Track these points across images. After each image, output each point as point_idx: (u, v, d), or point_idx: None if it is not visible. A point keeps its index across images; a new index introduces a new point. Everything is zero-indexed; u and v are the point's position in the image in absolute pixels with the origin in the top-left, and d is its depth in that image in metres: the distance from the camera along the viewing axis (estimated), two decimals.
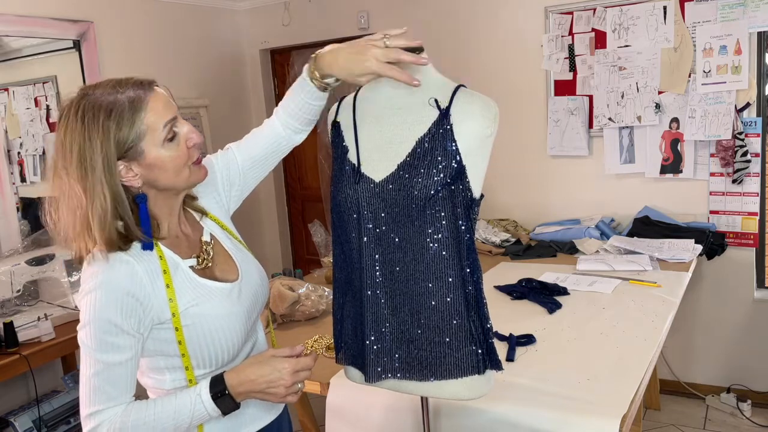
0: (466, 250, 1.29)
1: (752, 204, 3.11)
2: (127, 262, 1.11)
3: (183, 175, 1.15)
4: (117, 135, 1.06)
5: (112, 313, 1.08)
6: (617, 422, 1.56)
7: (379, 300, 1.33)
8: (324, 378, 1.93)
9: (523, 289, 2.55)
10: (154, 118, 1.09)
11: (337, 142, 1.42)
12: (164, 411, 1.12)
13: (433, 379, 1.34)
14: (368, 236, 1.32)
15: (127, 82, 1.11)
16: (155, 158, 1.11)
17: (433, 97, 1.29)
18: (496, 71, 3.60)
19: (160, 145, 1.10)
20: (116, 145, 1.07)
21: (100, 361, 1.09)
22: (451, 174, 1.25)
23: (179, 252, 1.20)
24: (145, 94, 1.09)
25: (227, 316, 1.20)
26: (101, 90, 1.09)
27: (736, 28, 3.00)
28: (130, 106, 1.07)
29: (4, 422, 2.64)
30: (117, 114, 1.06)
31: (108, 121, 1.06)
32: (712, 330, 3.32)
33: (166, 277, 1.14)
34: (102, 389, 1.09)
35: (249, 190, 1.44)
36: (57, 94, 3.25)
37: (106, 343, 1.08)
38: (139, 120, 1.08)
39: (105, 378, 1.09)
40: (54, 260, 2.70)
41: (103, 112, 1.06)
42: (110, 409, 1.10)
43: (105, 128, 1.05)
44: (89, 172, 1.05)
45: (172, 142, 1.12)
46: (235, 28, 4.38)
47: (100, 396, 1.09)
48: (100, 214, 1.07)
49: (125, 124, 1.07)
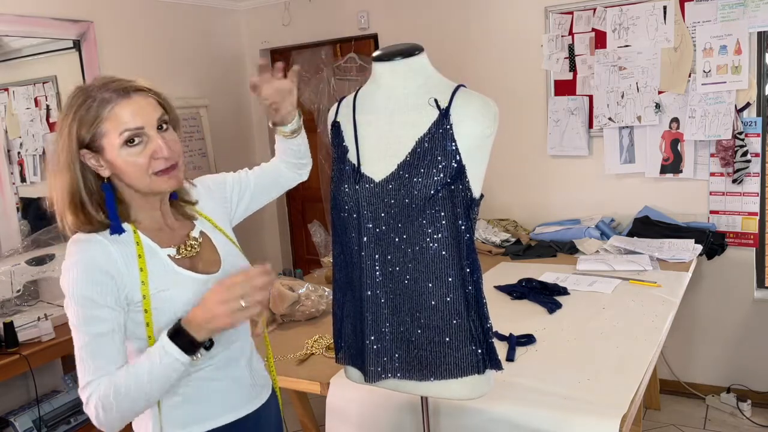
0: (466, 250, 1.29)
1: (752, 204, 3.11)
2: (101, 242, 1.18)
3: (143, 181, 1.21)
4: (80, 126, 1.16)
5: (88, 289, 1.15)
6: (617, 422, 1.56)
7: (378, 300, 1.33)
8: (324, 378, 1.93)
9: (523, 289, 2.55)
10: (113, 122, 1.17)
11: (337, 142, 1.42)
12: (141, 369, 1.15)
13: (433, 379, 1.34)
14: (368, 236, 1.32)
15: (113, 83, 1.19)
16: (113, 158, 1.18)
17: (433, 97, 1.29)
18: (496, 71, 3.60)
19: (118, 148, 1.17)
20: (77, 134, 1.17)
21: (85, 333, 1.15)
22: (451, 174, 1.25)
23: (159, 241, 1.26)
24: (117, 98, 1.17)
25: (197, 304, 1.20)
26: (97, 83, 1.20)
27: (736, 28, 3.00)
28: (98, 104, 1.16)
29: (4, 422, 2.64)
30: (86, 107, 1.16)
31: (78, 112, 1.16)
32: (712, 330, 3.32)
33: (140, 261, 1.20)
34: (90, 361, 1.15)
35: (253, 210, 1.56)
36: (57, 94, 3.25)
37: (87, 317, 1.15)
38: (99, 119, 1.16)
39: (92, 350, 1.15)
40: (54, 260, 2.70)
41: (80, 101, 1.17)
42: (99, 378, 1.15)
43: (75, 117, 1.17)
44: (65, 150, 1.17)
45: (132, 148, 1.18)
46: (235, 28, 4.38)
47: (89, 367, 1.15)
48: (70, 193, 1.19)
49: (88, 118, 1.16)
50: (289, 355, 2.10)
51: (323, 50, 4.20)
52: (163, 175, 1.21)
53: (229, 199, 1.48)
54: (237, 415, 1.32)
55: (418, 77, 1.35)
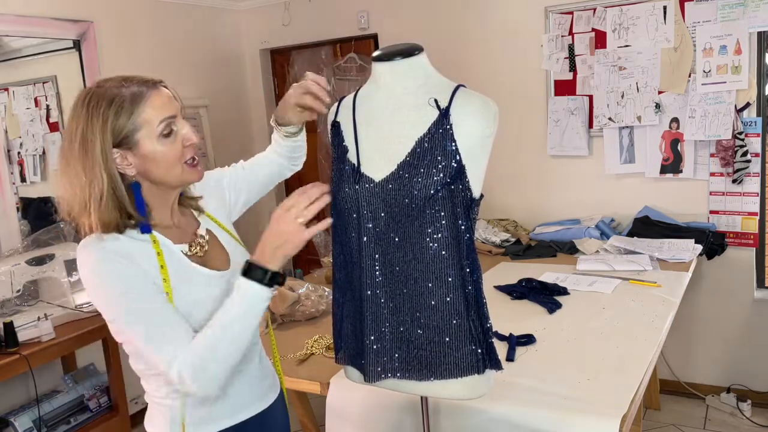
0: (466, 250, 1.29)
1: (752, 204, 3.11)
2: (118, 239, 1.17)
3: (175, 172, 1.21)
4: (114, 123, 1.14)
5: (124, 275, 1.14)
6: (617, 422, 1.56)
7: (378, 300, 1.33)
8: (324, 378, 1.93)
9: (523, 289, 2.55)
10: (151, 112, 1.16)
11: (337, 142, 1.42)
12: (225, 320, 1.16)
13: (432, 379, 1.34)
14: (368, 236, 1.32)
15: (133, 79, 1.19)
16: (149, 151, 1.17)
17: (433, 97, 1.29)
18: (496, 71, 3.60)
19: (155, 139, 1.17)
20: (112, 133, 1.15)
21: (141, 315, 1.14)
22: (450, 174, 1.25)
23: (171, 239, 1.26)
24: (147, 91, 1.17)
25: (215, 300, 1.23)
26: (110, 83, 1.18)
27: (736, 28, 3.00)
28: (130, 99, 1.15)
29: (4, 422, 2.64)
30: (117, 104, 1.14)
31: (108, 110, 1.14)
32: (712, 330, 3.32)
33: (160, 258, 1.20)
34: (160, 336, 1.14)
35: (252, 202, 1.56)
36: (57, 94, 3.25)
37: (135, 299, 1.14)
38: (136, 112, 1.15)
39: (155, 326, 1.14)
40: (54, 260, 2.70)
41: (106, 101, 1.14)
42: (178, 347, 1.13)
43: (104, 116, 1.14)
44: (89, 154, 1.14)
45: (167, 138, 1.19)
46: (235, 28, 4.38)
47: (162, 341, 1.14)
48: (97, 195, 1.15)
49: (123, 114, 1.14)
50: (289, 355, 2.10)
51: (323, 50, 4.21)
52: (192, 167, 1.23)
53: (227, 199, 1.50)
54: (251, 412, 1.34)
55: (418, 77, 1.35)
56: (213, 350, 1.14)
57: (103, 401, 2.91)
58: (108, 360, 2.88)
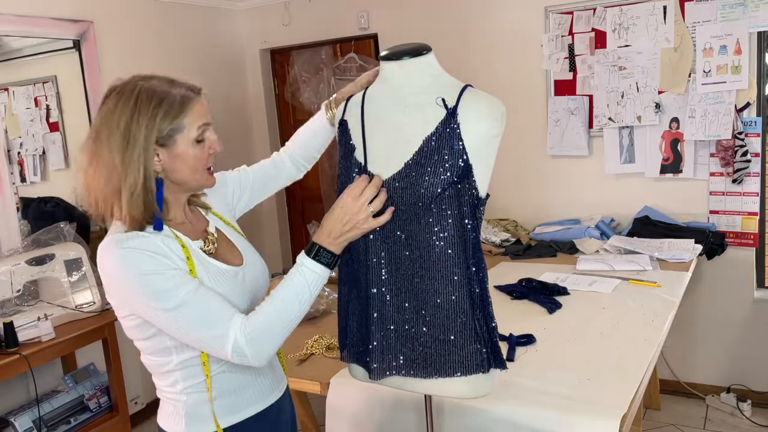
0: (472, 249, 1.29)
1: (752, 204, 3.11)
2: (142, 237, 1.19)
3: (197, 176, 1.27)
4: (161, 122, 1.19)
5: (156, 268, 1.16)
6: (617, 422, 1.56)
7: (384, 298, 1.34)
8: (324, 378, 1.93)
9: (523, 289, 2.55)
10: (193, 118, 1.22)
11: (344, 141, 1.43)
12: (283, 294, 1.23)
13: (437, 377, 1.34)
14: (374, 234, 1.33)
15: (180, 82, 1.25)
16: (182, 152, 1.22)
17: (441, 97, 1.29)
18: (496, 71, 3.60)
19: (190, 143, 1.23)
20: (157, 130, 1.19)
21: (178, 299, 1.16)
22: (457, 173, 1.26)
23: (186, 235, 1.29)
24: (193, 96, 1.24)
25: (232, 295, 1.27)
26: (157, 81, 1.22)
27: (736, 28, 3.00)
28: (180, 101, 1.21)
29: (4, 422, 2.64)
30: (168, 104, 1.19)
31: (158, 108, 1.18)
32: (712, 330, 3.32)
33: (185, 250, 1.23)
34: (206, 317, 1.17)
35: (253, 205, 1.60)
36: (57, 94, 3.25)
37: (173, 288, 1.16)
38: (182, 115, 1.21)
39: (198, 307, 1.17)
40: (54, 260, 2.70)
41: (156, 99, 1.19)
42: (231, 320, 1.18)
43: (154, 112, 1.18)
44: (131, 146, 1.17)
45: (199, 143, 1.24)
46: (235, 28, 4.38)
47: (209, 323, 1.17)
48: (132, 188, 1.17)
49: (170, 115, 1.19)
50: (289, 355, 2.10)
51: (323, 50, 4.21)
52: (210, 174, 1.30)
53: (230, 200, 1.53)
54: (263, 405, 1.37)
55: (426, 77, 1.35)
56: (272, 323, 1.20)
57: (103, 401, 2.91)
58: (108, 360, 2.88)
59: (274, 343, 1.22)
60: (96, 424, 2.84)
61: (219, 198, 1.47)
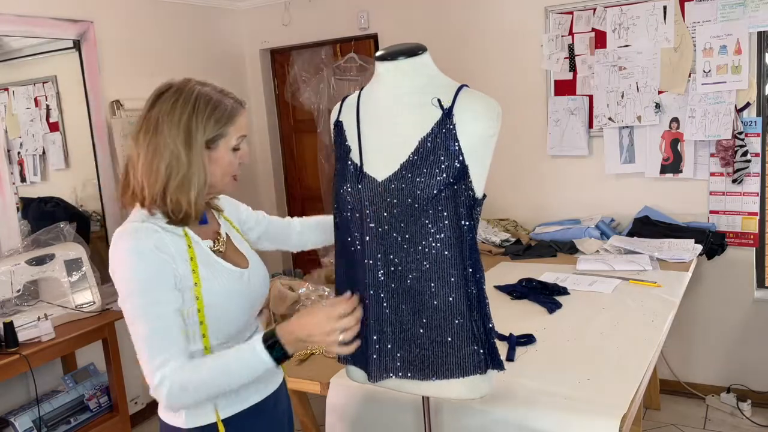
0: (469, 250, 1.29)
1: (752, 204, 3.11)
2: (155, 231, 1.26)
3: (225, 180, 1.36)
4: (214, 126, 1.29)
5: (149, 271, 1.22)
6: (617, 422, 1.56)
7: (381, 299, 1.33)
8: (324, 378, 1.93)
9: (523, 289, 2.55)
10: (236, 128, 1.33)
11: (340, 142, 1.42)
12: (230, 367, 1.23)
13: (434, 379, 1.34)
14: (370, 235, 1.32)
15: (228, 93, 1.35)
16: (221, 156, 1.32)
17: (436, 97, 1.29)
18: (496, 71, 3.60)
19: (229, 149, 1.33)
20: (210, 132, 1.29)
21: (151, 317, 1.21)
22: (453, 174, 1.26)
23: (197, 233, 1.35)
24: (240, 108, 1.35)
25: (237, 294, 1.34)
26: (209, 88, 1.33)
27: (736, 28, 3.00)
28: (230, 110, 1.32)
29: (4, 422, 2.64)
30: (221, 110, 1.30)
31: (214, 113, 1.29)
32: (712, 330, 3.32)
33: (190, 250, 1.30)
34: (158, 342, 1.21)
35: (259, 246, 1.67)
36: (57, 94, 3.25)
37: (151, 302, 1.21)
38: (229, 123, 1.31)
39: (160, 333, 1.21)
40: (54, 260, 2.70)
41: (212, 104, 1.29)
42: (172, 360, 1.20)
43: (209, 117, 1.28)
44: (193, 143, 1.27)
45: (235, 152, 1.34)
46: (235, 28, 4.38)
47: (159, 348, 1.21)
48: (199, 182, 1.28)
49: (221, 122, 1.30)
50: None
51: (323, 50, 4.20)
52: (234, 182, 1.39)
53: (242, 219, 1.60)
54: (260, 397, 1.40)
55: (422, 77, 1.35)
56: (201, 389, 1.22)
57: (103, 401, 2.91)
58: (108, 360, 2.88)
59: (190, 404, 1.25)
60: (96, 424, 2.84)
61: (232, 211, 1.55)
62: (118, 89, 3.47)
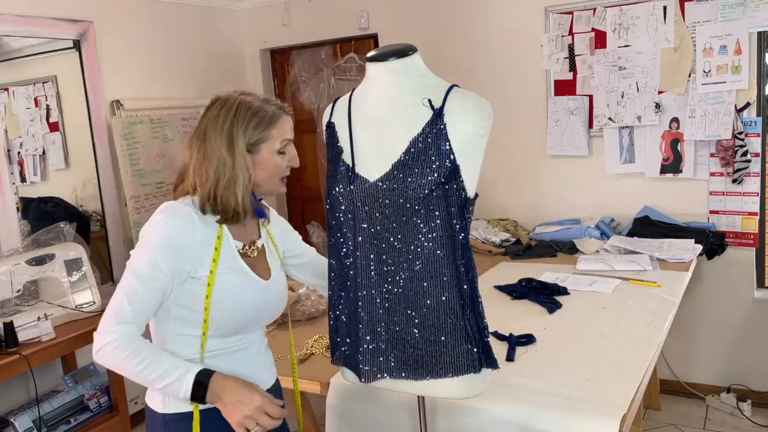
0: (461, 249, 1.29)
1: (752, 204, 3.11)
2: (191, 217, 1.35)
3: (272, 181, 1.44)
4: (254, 130, 1.38)
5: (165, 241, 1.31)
6: (617, 422, 1.56)
7: (374, 299, 1.34)
8: (324, 378, 1.93)
9: (523, 289, 2.55)
10: (278, 133, 1.41)
11: (332, 143, 1.43)
12: (155, 363, 1.29)
13: (429, 378, 1.34)
14: (363, 236, 1.33)
15: (272, 101, 1.44)
16: (265, 159, 1.40)
17: (427, 97, 1.29)
18: (496, 71, 3.60)
19: (273, 153, 1.41)
20: (250, 136, 1.38)
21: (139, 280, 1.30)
22: (445, 173, 1.26)
23: (232, 232, 1.42)
24: (282, 114, 1.43)
25: (245, 298, 1.39)
26: (252, 97, 1.42)
27: (736, 28, 3.00)
28: (270, 116, 1.40)
29: (4, 422, 2.64)
30: (260, 117, 1.39)
31: (253, 118, 1.38)
32: (712, 330, 3.32)
33: (217, 242, 1.37)
34: (128, 306, 1.30)
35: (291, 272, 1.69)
36: (57, 94, 3.25)
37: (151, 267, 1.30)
38: (270, 128, 1.39)
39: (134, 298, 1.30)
40: (54, 260, 2.70)
41: (252, 111, 1.39)
42: (129, 325, 1.30)
43: (248, 123, 1.38)
44: (235, 148, 1.37)
45: (281, 155, 1.42)
46: (235, 28, 4.38)
47: (125, 310, 1.30)
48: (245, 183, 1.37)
49: (261, 127, 1.39)
50: (288, 356, 2.10)
51: (323, 50, 4.21)
52: (283, 183, 1.46)
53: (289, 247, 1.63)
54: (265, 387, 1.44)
55: (412, 77, 1.35)
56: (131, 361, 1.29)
57: (103, 401, 2.91)
58: None
59: (110, 366, 1.33)
60: (96, 424, 2.84)
61: (278, 230, 1.60)
62: (118, 89, 3.47)
